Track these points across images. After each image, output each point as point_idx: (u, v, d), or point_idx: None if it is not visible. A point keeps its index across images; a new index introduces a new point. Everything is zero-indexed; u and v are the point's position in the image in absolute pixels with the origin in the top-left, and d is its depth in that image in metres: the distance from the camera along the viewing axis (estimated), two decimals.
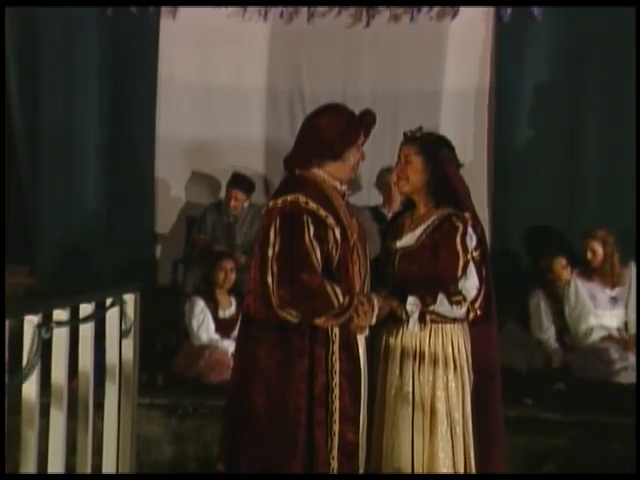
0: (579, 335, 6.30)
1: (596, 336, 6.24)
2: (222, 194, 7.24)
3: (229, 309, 6.31)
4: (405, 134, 3.73)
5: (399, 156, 3.73)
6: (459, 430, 3.57)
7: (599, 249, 6.35)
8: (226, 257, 6.44)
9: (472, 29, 7.20)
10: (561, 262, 6.40)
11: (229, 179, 7.01)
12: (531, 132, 7.24)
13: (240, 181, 6.99)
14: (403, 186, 3.74)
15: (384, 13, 7.15)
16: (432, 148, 3.67)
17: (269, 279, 3.40)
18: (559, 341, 6.37)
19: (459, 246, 3.58)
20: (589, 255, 6.35)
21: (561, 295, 6.40)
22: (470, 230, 3.61)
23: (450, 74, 7.25)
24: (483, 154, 7.29)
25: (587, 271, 6.40)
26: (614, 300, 6.36)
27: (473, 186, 6.83)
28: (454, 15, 7.14)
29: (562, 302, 6.38)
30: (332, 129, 3.53)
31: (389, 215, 6.24)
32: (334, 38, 7.16)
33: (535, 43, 7.14)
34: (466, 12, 7.13)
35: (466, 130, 7.27)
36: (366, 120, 3.59)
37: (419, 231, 3.67)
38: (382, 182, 6.88)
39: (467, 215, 3.64)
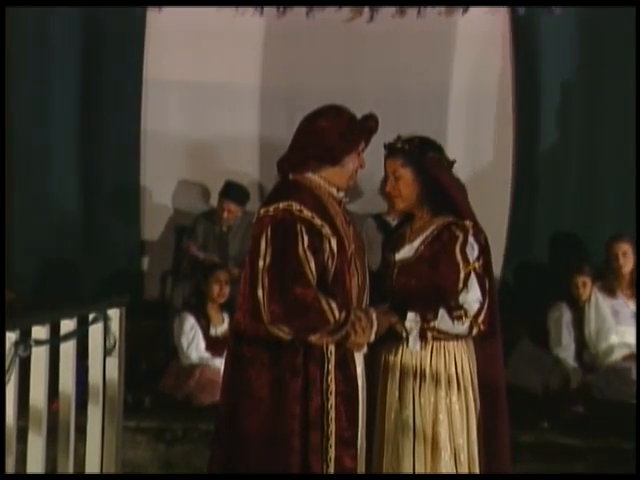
0: (599, 353, 6.31)
1: (618, 355, 6.25)
2: (213, 200, 7.25)
3: (221, 326, 6.32)
4: (385, 147, 3.73)
5: (386, 172, 3.73)
6: (463, 457, 3.56)
7: (630, 252, 6.37)
8: (220, 268, 6.46)
9: (486, 24, 7.23)
10: (582, 279, 6.40)
11: (222, 188, 6.99)
12: (550, 133, 7.28)
13: (233, 191, 6.97)
14: (398, 204, 3.74)
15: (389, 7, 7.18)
16: (417, 155, 3.67)
17: (259, 293, 3.42)
18: (578, 360, 6.36)
19: (459, 257, 3.59)
20: (620, 260, 6.36)
21: (582, 308, 6.41)
22: (471, 239, 3.62)
23: (461, 72, 7.28)
24: (501, 156, 7.33)
25: (610, 284, 6.42)
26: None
27: (493, 191, 6.95)
28: (465, 10, 7.17)
29: (584, 317, 6.40)
30: (332, 132, 3.55)
31: (394, 223, 6.27)
32: (334, 33, 7.18)
33: (553, 38, 7.18)
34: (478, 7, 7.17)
35: (485, 131, 7.32)
36: (369, 125, 3.60)
37: (417, 242, 3.69)
38: None
39: (468, 223, 3.65)
